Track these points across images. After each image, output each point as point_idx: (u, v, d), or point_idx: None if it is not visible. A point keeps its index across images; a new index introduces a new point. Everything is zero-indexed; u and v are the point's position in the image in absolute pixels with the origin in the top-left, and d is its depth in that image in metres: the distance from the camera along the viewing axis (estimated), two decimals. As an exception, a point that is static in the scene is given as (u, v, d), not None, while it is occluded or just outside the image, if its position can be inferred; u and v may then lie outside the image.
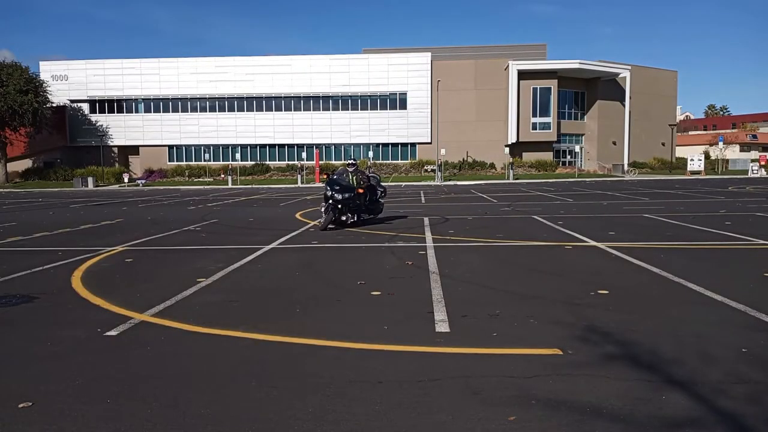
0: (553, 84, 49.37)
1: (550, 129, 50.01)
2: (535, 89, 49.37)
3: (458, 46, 55.26)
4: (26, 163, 53.68)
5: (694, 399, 3.15)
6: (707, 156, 55.38)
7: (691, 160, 50.51)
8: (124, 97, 52.99)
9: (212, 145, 53.18)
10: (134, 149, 54.19)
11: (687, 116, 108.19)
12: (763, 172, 47.29)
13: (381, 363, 3.84)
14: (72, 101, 52.80)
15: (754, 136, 71.63)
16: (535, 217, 13.97)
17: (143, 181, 48.24)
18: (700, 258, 7.76)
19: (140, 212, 18.09)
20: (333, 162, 51.87)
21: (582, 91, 53.05)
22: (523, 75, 48.90)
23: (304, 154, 51.00)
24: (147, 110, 53.39)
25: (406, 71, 51.28)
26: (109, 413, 3.10)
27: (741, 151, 67.74)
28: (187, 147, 53.82)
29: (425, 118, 51.53)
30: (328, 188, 11.65)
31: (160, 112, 53.14)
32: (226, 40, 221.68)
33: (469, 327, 4.62)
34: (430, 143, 51.06)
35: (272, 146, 53.46)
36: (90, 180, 46.50)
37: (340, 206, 11.58)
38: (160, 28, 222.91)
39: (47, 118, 48.78)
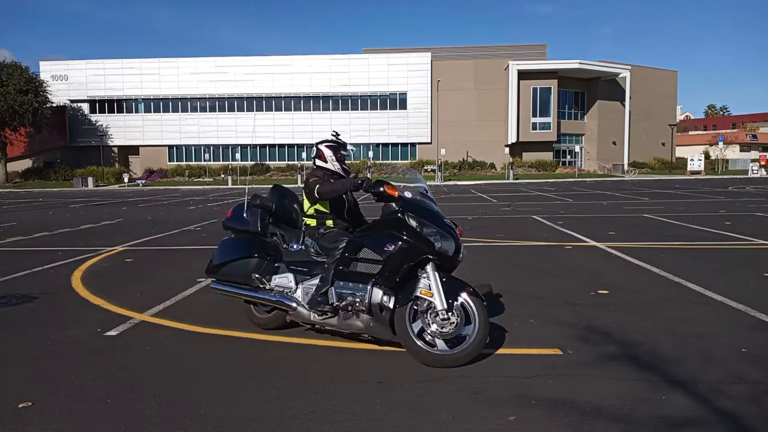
0: (553, 84, 49.36)
1: (550, 129, 50.00)
2: (535, 89, 49.36)
3: (458, 46, 55.31)
4: (26, 163, 53.68)
5: (694, 399, 3.15)
6: (707, 156, 55.37)
7: (691, 160, 50.51)
8: (124, 97, 52.98)
9: (212, 145, 53.18)
10: (134, 149, 54.18)
11: (687, 116, 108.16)
12: (763, 172, 47.28)
13: (381, 363, 3.84)
14: (72, 101, 52.79)
15: (754, 136, 71.61)
16: (535, 217, 13.97)
17: (143, 181, 48.23)
18: (700, 258, 7.76)
19: (140, 212, 18.08)
20: (333, 162, 51.78)
21: (582, 91, 53.03)
22: (523, 75, 48.88)
23: (304, 154, 50.98)
24: (147, 110, 53.38)
25: (406, 71, 51.27)
26: (109, 413, 3.10)
27: (741, 151, 67.74)
28: (187, 147, 53.81)
29: (425, 118, 51.52)
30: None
31: (160, 112, 53.12)
32: (226, 40, 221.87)
33: (469, 327, 4.61)
34: (430, 143, 51.05)
35: (272, 146, 53.46)
36: (90, 180, 46.50)
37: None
38: (160, 28, 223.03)
39: (47, 118, 48.77)
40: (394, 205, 3.99)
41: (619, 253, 8.11)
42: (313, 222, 4.44)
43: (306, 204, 4.49)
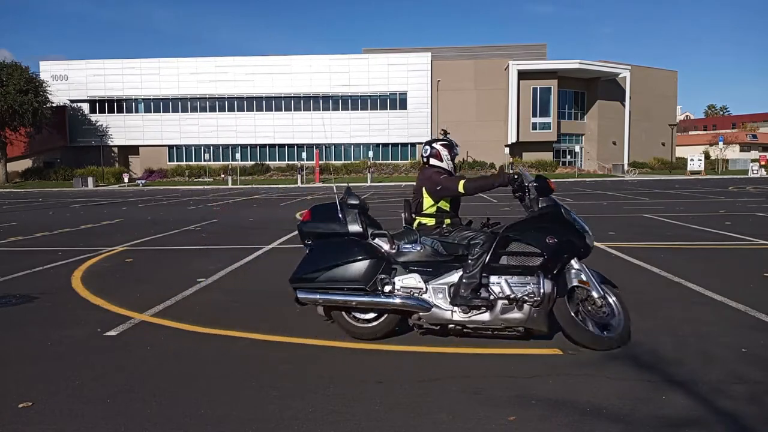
0: (553, 84, 49.36)
1: (550, 129, 50.01)
2: (535, 89, 49.37)
3: (458, 46, 55.32)
4: (26, 163, 53.69)
5: (694, 399, 3.15)
6: (707, 156, 55.37)
7: (691, 160, 50.50)
8: (124, 97, 52.99)
9: (212, 145, 53.18)
10: (134, 149, 54.19)
11: (687, 116, 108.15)
12: (763, 172, 47.28)
13: (381, 363, 3.84)
14: (72, 101, 52.80)
15: (754, 136, 71.61)
16: (535, 217, 13.95)
17: (143, 181, 48.23)
18: (700, 258, 7.76)
19: (140, 212, 18.08)
20: (333, 162, 51.89)
21: (582, 91, 53.03)
22: (523, 75, 48.88)
23: (304, 154, 51.00)
24: (147, 110, 53.38)
25: (406, 71, 51.28)
26: (109, 413, 3.10)
27: (741, 151, 67.74)
28: (187, 147, 53.81)
29: (425, 118, 51.52)
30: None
31: (160, 112, 53.13)
32: (226, 40, 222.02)
33: (469, 327, 4.61)
34: (430, 143, 50.97)
35: (272, 146, 53.46)
36: (90, 180, 46.50)
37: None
38: (160, 28, 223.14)
39: (47, 118, 48.78)
40: (544, 201, 4.15)
41: (619, 253, 8.11)
42: (430, 221, 4.41)
43: (427, 202, 4.43)
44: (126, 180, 47.51)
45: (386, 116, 52.02)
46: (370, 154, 50.17)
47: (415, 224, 4.47)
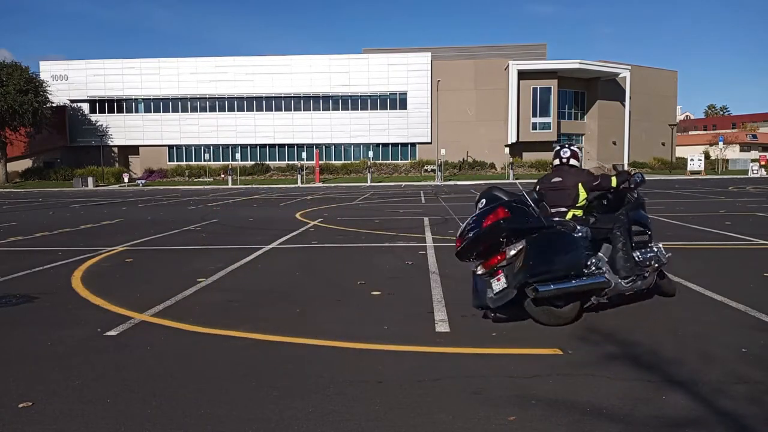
0: (553, 84, 49.31)
1: (550, 129, 49.96)
2: (535, 89, 49.31)
3: (458, 46, 55.25)
4: (26, 163, 53.66)
5: (694, 399, 3.15)
6: (707, 156, 55.32)
7: (691, 160, 50.46)
8: (124, 97, 52.95)
9: (212, 145, 53.16)
10: (134, 149, 54.16)
11: (687, 116, 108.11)
12: (763, 172, 47.26)
13: (381, 363, 3.84)
14: (72, 101, 52.75)
15: (754, 136, 71.57)
16: (535, 217, 13.94)
17: (143, 181, 48.22)
18: (700, 258, 7.76)
19: (140, 212, 18.08)
20: (333, 162, 51.88)
21: (582, 91, 53.00)
22: (523, 75, 48.84)
23: (304, 154, 50.98)
24: (147, 110, 53.34)
25: (406, 71, 51.24)
26: (109, 413, 3.10)
27: (741, 151, 67.68)
28: (187, 147, 53.78)
29: (425, 118, 51.50)
30: None
31: (160, 112, 53.09)
32: (226, 40, 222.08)
33: (469, 327, 4.62)
34: (430, 143, 51.02)
35: (272, 146, 53.45)
36: (90, 180, 46.49)
37: None
38: (160, 28, 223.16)
39: (47, 118, 48.74)
40: (637, 192, 5.24)
41: (619, 253, 8.10)
42: (579, 212, 5.19)
43: (582, 195, 5.17)
44: (126, 180, 47.50)
45: (386, 116, 51.98)
46: (370, 154, 50.13)
47: (569, 215, 5.11)
